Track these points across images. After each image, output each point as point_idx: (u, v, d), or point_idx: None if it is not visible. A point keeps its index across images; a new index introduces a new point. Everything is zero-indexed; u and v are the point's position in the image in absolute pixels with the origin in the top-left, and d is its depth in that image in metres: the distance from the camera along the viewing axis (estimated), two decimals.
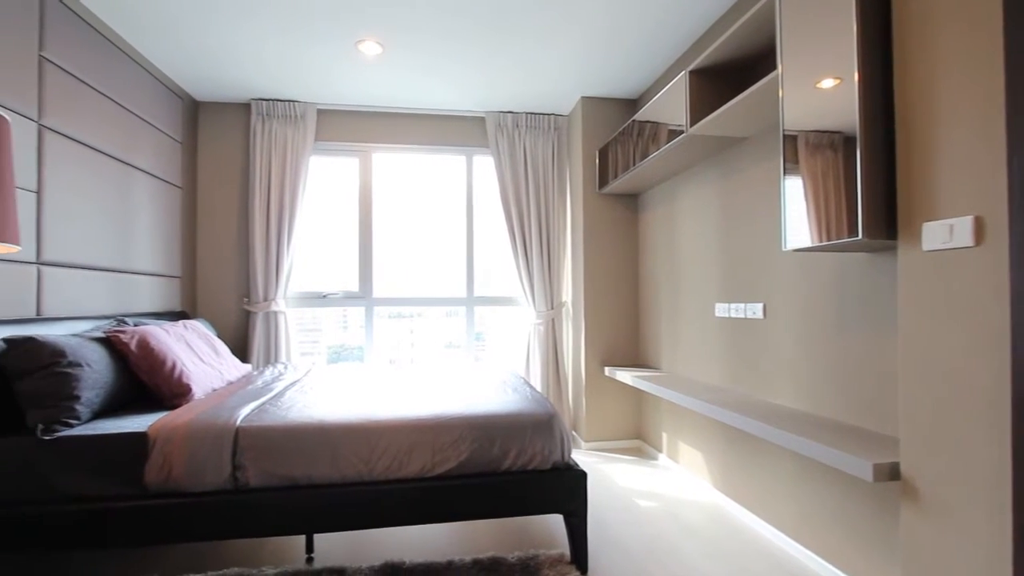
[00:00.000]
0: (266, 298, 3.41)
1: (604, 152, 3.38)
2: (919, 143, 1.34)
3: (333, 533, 2.14)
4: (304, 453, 1.71)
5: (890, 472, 1.40)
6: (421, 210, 3.86)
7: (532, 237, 3.64)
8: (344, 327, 3.83)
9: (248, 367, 2.82)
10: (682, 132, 2.37)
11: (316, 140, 3.57)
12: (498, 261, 3.91)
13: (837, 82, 1.49)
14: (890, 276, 1.65)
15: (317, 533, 1.75)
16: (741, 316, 2.39)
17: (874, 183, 1.42)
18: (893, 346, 1.64)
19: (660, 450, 3.22)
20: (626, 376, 3.04)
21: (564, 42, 2.77)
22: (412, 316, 3.93)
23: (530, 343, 3.71)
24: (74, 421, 1.71)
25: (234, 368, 2.59)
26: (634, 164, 2.90)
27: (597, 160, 3.47)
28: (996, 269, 1.16)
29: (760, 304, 2.26)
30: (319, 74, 3.11)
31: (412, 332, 3.94)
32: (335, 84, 3.25)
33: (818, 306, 1.95)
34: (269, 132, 3.43)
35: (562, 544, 2.05)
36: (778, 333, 2.16)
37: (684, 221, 2.93)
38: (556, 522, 2.27)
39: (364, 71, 3.08)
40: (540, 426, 1.87)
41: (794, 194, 1.67)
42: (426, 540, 2.12)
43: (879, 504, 1.69)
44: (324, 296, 3.66)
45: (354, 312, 3.76)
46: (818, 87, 1.56)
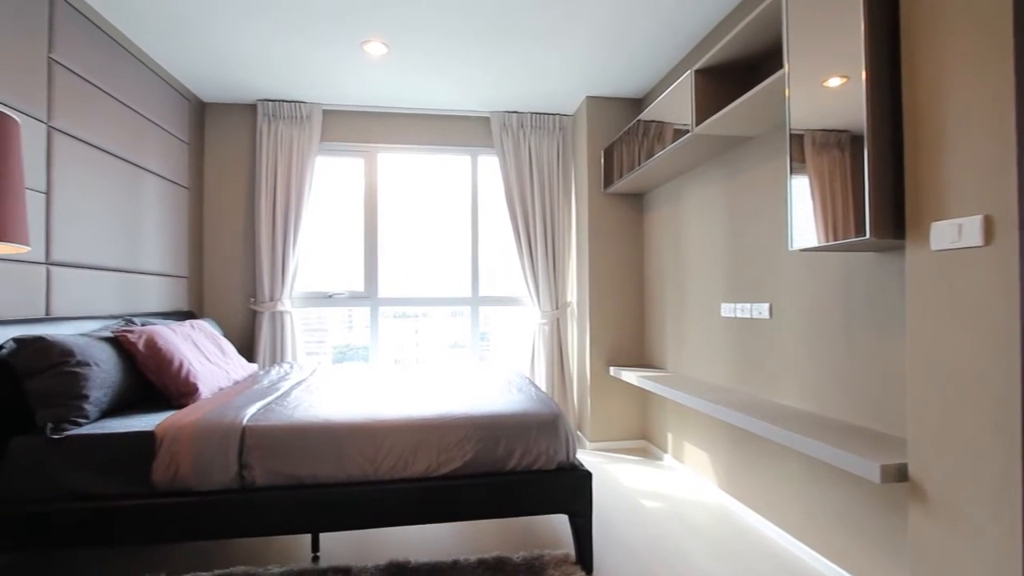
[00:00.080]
0: (272, 298, 3.42)
1: (609, 152, 3.37)
2: (927, 142, 1.33)
3: (339, 532, 2.15)
4: (310, 452, 1.71)
5: (898, 473, 1.39)
6: (426, 210, 3.86)
7: (537, 237, 3.64)
8: (349, 327, 3.84)
9: (254, 367, 2.83)
10: (687, 131, 2.36)
11: (321, 140, 3.59)
12: (503, 261, 3.91)
13: (844, 81, 1.48)
14: (898, 276, 1.64)
15: (323, 532, 1.75)
16: (747, 316, 2.38)
17: (882, 182, 1.41)
18: (900, 346, 1.63)
19: (665, 450, 3.21)
20: (631, 376, 3.03)
21: (569, 42, 2.77)
22: (417, 316, 3.94)
23: (535, 343, 3.70)
24: (83, 420, 1.73)
25: (240, 368, 2.60)
26: (639, 164, 2.90)
27: (602, 160, 3.46)
28: (1005, 269, 1.15)
29: (766, 304, 2.25)
30: (324, 75, 3.12)
31: (417, 332, 3.95)
32: (340, 85, 3.26)
33: (825, 306, 1.94)
34: (275, 132, 3.44)
35: (567, 544, 2.05)
36: (784, 333, 2.15)
37: (690, 221, 2.92)
38: (561, 522, 2.27)
39: (369, 71, 3.09)
40: (545, 426, 1.87)
41: (801, 193, 1.66)
42: (431, 540, 2.12)
43: (886, 505, 1.68)
44: (330, 296, 3.67)
45: (359, 312, 3.78)
46: (825, 86, 1.55)
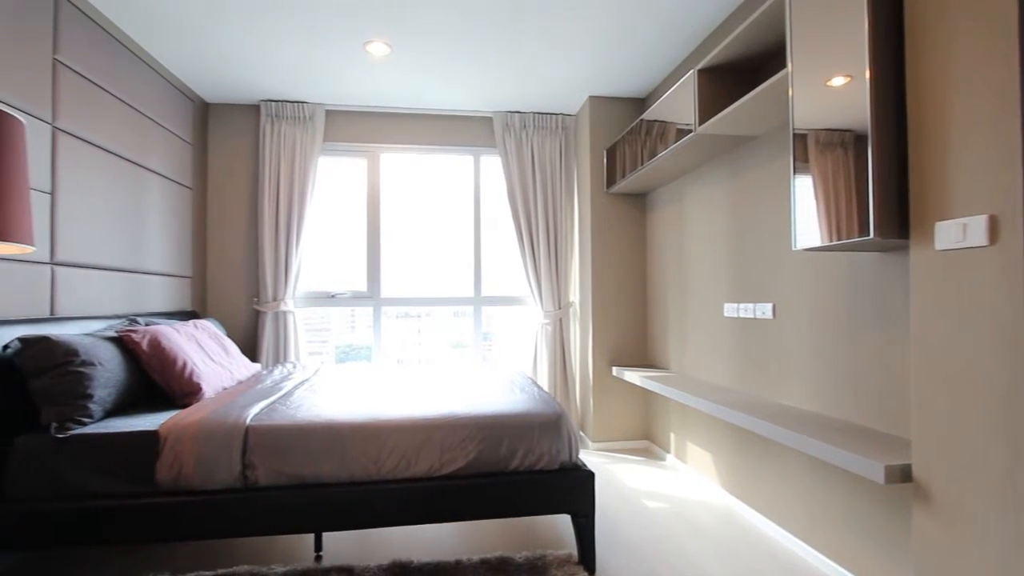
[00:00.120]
0: (275, 298, 3.43)
1: (612, 152, 3.36)
2: (932, 141, 1.33)
3: (341, 532, 2.15)
4: (313, 452, 1.72)
5: (902, 474, 1.38)
6: (429, 210, 3.87)
7: (540, 237, 3.64)
8: (352, 327, 3.85)
9: (257, 366, 2.84)
10: (691, 131, 2.36)
11: (324, 141, 3.60)
12: (506, 261, 3.91)
13: (848, 80, 1.47)
14: (902, 276, 1.63)
15: (326, 532, 1.76)
16: (750, 316, 2.37)
17: (886, 181, 1.41)
18: (905, 347, 1.62)
19: (668, 451, 3.21)
20: (634, 376, 3.03)
21: (571, 42, 2.77)
22: (420, 316, 3.95)
23: (537, 343, 3.70)
24: (87, 419, 1.74)
25: (244, 367, 2.61)
26: (642, 163, 2.89)
27: (605, 160, 3.46)
28: (1011, 269, 1.14)
29: (770, 304, 2.25)
30: (327, 75, 3.13)
31: (420, 332, 3.96)
32: (343, 85, 3.27)
33: (828, 306, 1.93)
34: (278, 133, 3.45)
35: (570, 544, 2.05)
36: (788, 333, 2.14)
37: (692, 220, 2.91)
38: (564, 522, 2.27)
39: (372, 72, 3.09)
40: (548, 426, 1.87)
41: (804, 193, 1.66)
42: (434, 539, 2.12)
43: (890, 506, 1.67)
44: (332, 296, 3.68)
45: (362, 312, 3.78)
46: (828, 85, 1.55)
